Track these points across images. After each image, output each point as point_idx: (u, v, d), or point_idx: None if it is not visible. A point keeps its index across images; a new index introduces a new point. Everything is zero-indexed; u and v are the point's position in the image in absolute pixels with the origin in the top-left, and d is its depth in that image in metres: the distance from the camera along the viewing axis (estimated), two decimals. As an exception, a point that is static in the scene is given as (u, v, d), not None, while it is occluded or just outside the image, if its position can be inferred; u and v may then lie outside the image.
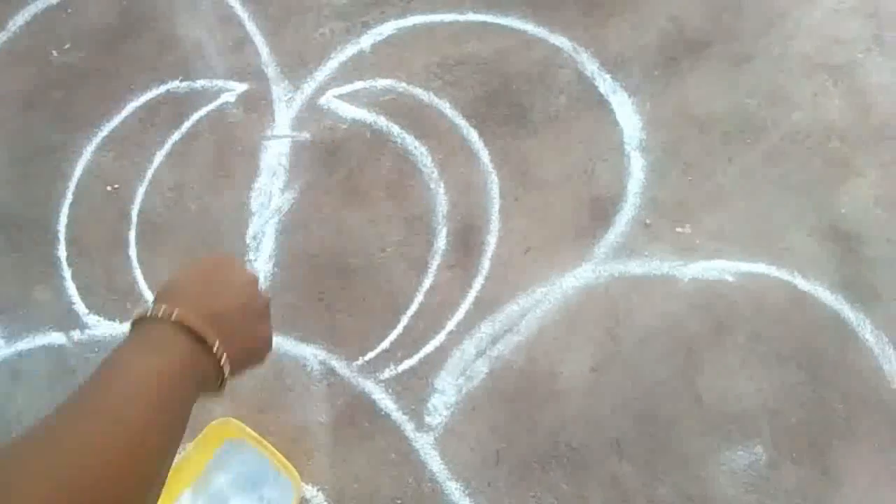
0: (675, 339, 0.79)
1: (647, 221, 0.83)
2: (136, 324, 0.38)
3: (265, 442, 0.76)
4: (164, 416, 0.37)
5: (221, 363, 0.40)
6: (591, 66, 0.90)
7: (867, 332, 0.76)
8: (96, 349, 0.85)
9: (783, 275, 0.79)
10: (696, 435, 0.76)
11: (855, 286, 0.78)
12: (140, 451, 0.34)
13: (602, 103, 0.89)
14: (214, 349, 0.39)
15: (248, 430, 0.77)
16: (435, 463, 0.77)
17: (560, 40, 0.92)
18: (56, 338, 0.86)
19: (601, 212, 0.84)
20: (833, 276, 0.79)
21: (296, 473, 0.75)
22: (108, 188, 0.92)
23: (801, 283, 0.79)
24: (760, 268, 0.80)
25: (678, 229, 0.83)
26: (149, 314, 0.39)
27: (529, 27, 0.93)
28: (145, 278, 0.87)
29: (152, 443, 0.35)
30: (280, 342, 0.84)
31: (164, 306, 0.38)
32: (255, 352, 0.44)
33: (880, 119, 0.83)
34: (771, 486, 0.73)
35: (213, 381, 0.42)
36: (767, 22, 0.89)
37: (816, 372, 0.76)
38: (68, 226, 0.91)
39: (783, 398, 0.76)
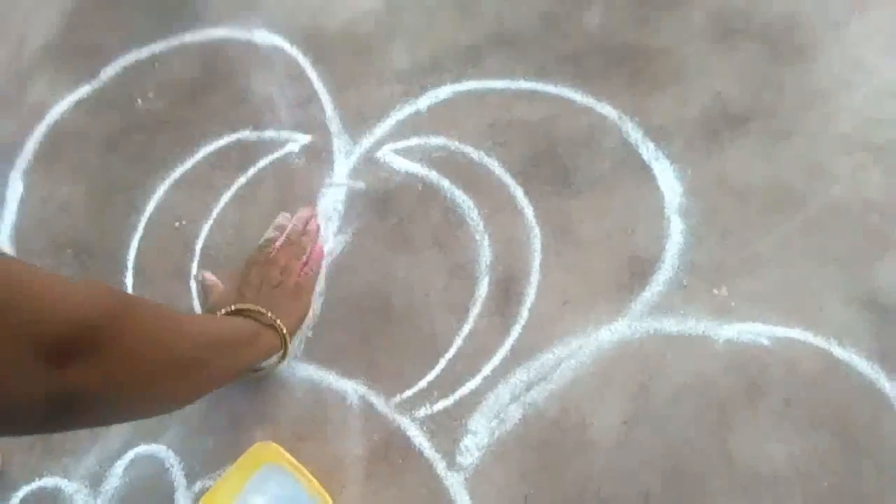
0: (708, 398, 0.88)
1: (685, 282, 0.94)
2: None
3: (302, 468, 0.87)
4: (230, 351, 0.80)
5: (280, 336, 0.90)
6: (635, 134, 1.04)
7: (903, 402, 0.84)
8: (151, 372, 0.98)
9: (819, 342, 0.89)
10: (726, 495, 0.83)
11: (891, 357, 0.86)
12: (204, 353, 0.72)
13: (644, 169, 1.02)
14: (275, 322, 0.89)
15: (287, 455, 0.88)
16: (464, 502, 0.86)
17: (606, 109, 1.07)
18: (115, 358, 1.01)
19: (639, 271, 0.96)
20: (870, 346, 0.88)
21: (329, 501, 0.85)
22: (177, 224, 1.09)
23: (837, 351, 0.88)
24: (796, 333, 0.90)
25: (715, 291, 0.94)
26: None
27: (577, 96, 1.08)
28: (201, 304, 1.02)
29: (212, 356, 0.74)
30: (322, 376, 0.97)
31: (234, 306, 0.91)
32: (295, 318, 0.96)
33: (919, 196, 0.94)
34: (801, 552, 0.80)
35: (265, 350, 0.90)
36: (807, 101, 1.02)
37: (850, 440, 0.84)
38: (137, 256, 1.08)
39: (816, 464, 0.83)
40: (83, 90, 1.23)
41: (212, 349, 0.72)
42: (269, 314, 0.88)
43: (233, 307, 0.89)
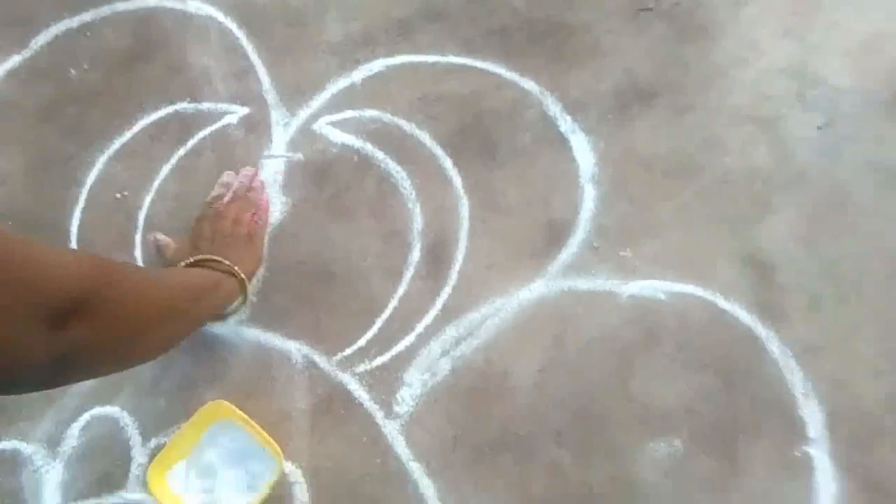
0: (612, 347, 1.01)
1: (595, 245, 1.06)
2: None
3: (252, 422, 0.97)
4: (199, 298, 0.88)
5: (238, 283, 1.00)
6: (554, 108, 1.14)
7: (775, 346, 0.99)
8: (102, 338, 1.04)
9: (707, 295, 1.03)
10: (625, 429, 0.98)
11: (767, 307, 1.01)
12: (180, 304, 0.81)
13: (562, 141, 1.12)
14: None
15: (238, 411, 0.97)
16: (400, 446, 0.98)
17: (529, 84, 1.16)
18: (65, 326, 1.06)
19: (556, 235, 1.07)
20: (749, 298, 1.02)
21: (279, 450, 0.96)
22: (118, 195, 1.13)
23: (722, 303, 1.02)
24: (688, 288, 1.04)
25: (621, 252, 1.06)
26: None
27: (503, 71, 1.17)
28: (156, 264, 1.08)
29: (186, 305, 0.84)
30: (268, 337, 1.05)
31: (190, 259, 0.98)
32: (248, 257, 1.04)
33: (797, 167, 1.08)
34: (685, 474, 0.95)
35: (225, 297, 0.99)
36: (708, 78, 1.14)
37: (730, 379, 0.99)
38: (80, 227, 1.12)
39: (700, 400, 0.98)
40: (13, 60, 1.23)
41: (186, 298, 0.82)
42: (226, 262, 0.96)
43: (191, 259, 0.96)
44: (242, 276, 0.97)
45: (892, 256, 1.04)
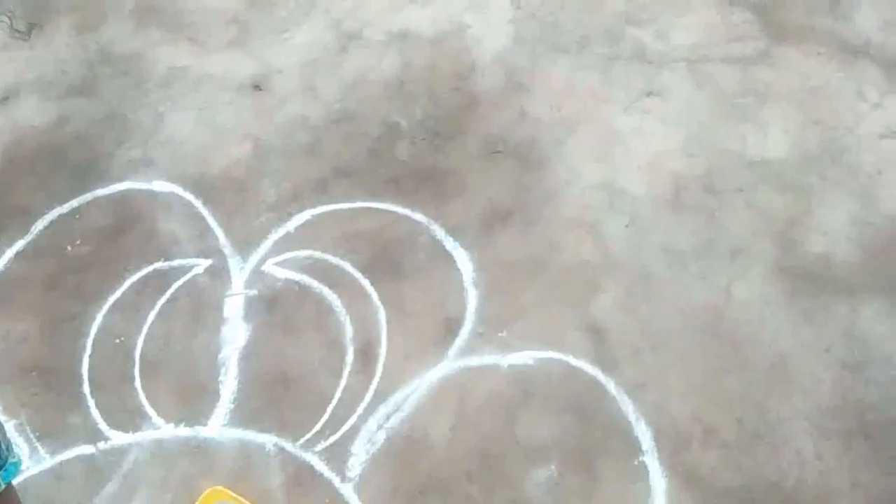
0: (500, 404, 1.40)
1: (480, 331, 1.45)
2: None
3: (242, 500, 1.28)
4: None
5: None
6: (439, 232, 1.55)
7: (612, 387, 1.39)
8: (117, 454, 1.35)
9: (562, 356, 1.43)
10: (515, 463, 1.35)
11: (604, 360, 1.42)
12: None
13: (448, 256, 1.53)
14: None
15: (231, 493, 1.29)
16: (355, 502, 1.31)
17: (418, 216, 1.57)
18: (87, 449, 1.38)
19: (451, 327, 1.47)
20: (591, 355, 1.43)
21: (264, 518, 1.27)
22: (117, 340, 1.47)
23: (573, 361, 1.42)
24: (549, 354, 1.44)
25: (499, 334, 1.45)
26: None
27: (399, 209, 1.58)
28: (148, 400, 1.40)
29: None
30: (246, 434, 1.38)
31: None
32: None
33: (614, 256, 1.50)
34: (561, 490, 1.32)
35: None
36: (546, 197, 1.58)
37: (584, 415, 1.38)
38: (90, 370, 1.45)
39: (565, 434, 1.36)
40: (19, 244, 1.57)
41: None
42: None
43: None
44: None
45: (687, 314, 1.46)
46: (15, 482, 0.92)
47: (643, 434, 1.37)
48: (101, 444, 1.38)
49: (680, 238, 1.53)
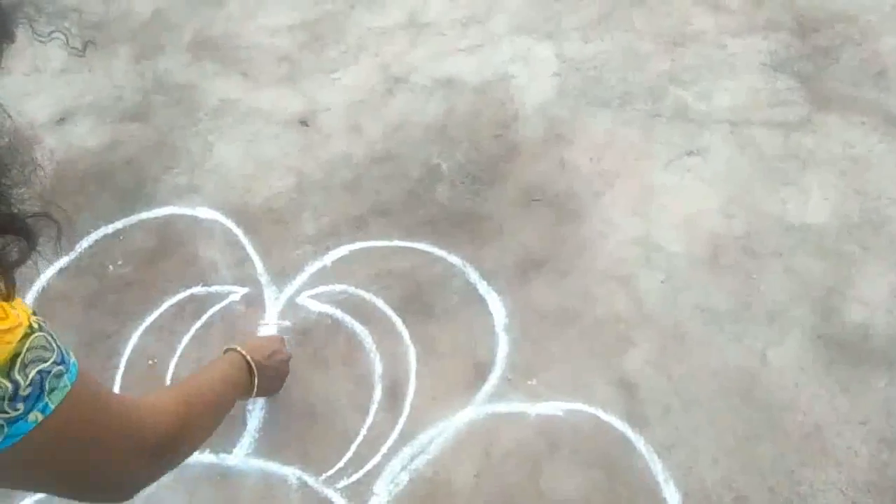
0: (526, 454, 1.37)
1: (509, 377, 1.44)
2: (227, 351, 1.23)
3: (261, 533, 1.27)
4: (229, 392, 1.12)
5: (253, 381, 1.22)
6: (473, 275, 1.55)
7: (641, 445, 1.36)
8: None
9: (592, 410, 1.41)
10: (538, 516, 1.31)
11: (634, 416, 1.39)
12: (218, 400, 1.05)
13: (481, 300, 1.52)
14: (253, 374, 1.22)
15: (250, 525, 1.28)
16: (373, 543, 1.30)
17: (454, 258, 1.57)
18: (111, 469, 1.37)
19: (480, 372, 1.45)
20: (621, 410, 1.40)
21: (282, 553, 1.26)
22: (150, 362, 1.48)
23: (602, 415, 1.40)
24: (578, 406, 1.41)
25: (528, 382, 1.43)
26: (234, 348, 1.22)
27: (434, 250, 1.59)
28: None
29: (222, 400, 1.08)
30: (269, 465, 1.38)
31: (238, 347, 1.21)
32: (274, 381, 1.34)
33: (648, 311, 1.49)
34: (583, 546, 1.28)
35: (249, 390, 1.23)
36: (580, 249, 1.57)
37: (611, 472, 1.34)
38: (121, 390, 1.45)
39: (592, 489, 1.33)
40: (63, 261, 1.60)
41: (227, 391, 1.11)
42: (253, 366, 1.23)
43: (248, 356, 1.22)
44: (255, 383, 1.23)
45: (720, 375, 1.44)
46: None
47: (672, 496, 1.33)
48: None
49: (716, 298, 1.52)
